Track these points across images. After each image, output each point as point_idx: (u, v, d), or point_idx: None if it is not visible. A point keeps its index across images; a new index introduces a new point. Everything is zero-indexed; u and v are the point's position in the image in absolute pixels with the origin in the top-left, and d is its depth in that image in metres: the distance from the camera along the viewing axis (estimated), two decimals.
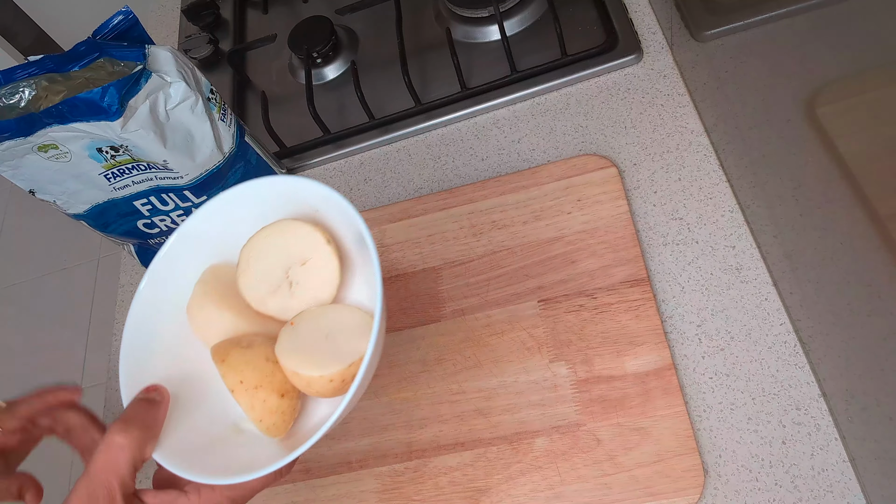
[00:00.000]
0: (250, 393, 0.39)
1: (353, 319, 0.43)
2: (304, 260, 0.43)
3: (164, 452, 0.39)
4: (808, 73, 0.43)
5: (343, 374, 0.39)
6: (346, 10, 0.81)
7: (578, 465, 0.50)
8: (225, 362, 0.40)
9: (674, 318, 0.54)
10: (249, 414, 0.40)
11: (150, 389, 0.41)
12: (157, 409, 0.40)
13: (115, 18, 0.67)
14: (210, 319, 0.43)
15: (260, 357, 0.40)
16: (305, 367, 0.39)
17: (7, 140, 0.64)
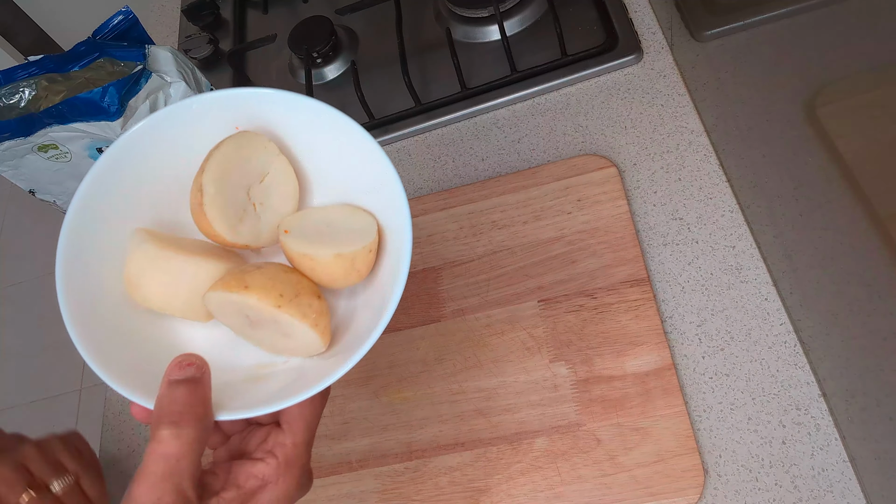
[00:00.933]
0: (296, 302, 0.36)
1: (337, 210, 0.41)
2: (263, 176, 0.40)
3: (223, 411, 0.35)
4: (808, 73, 0.43)
5: (374, 241, 0.38)
6: (346, 10, 0.81)
7: (578, 465, 0.50)
8: (251, 287, 0.35)
9: (674, 318, 0.54)
10: (304, 321, 0.36)
11: (184, 364, 0.34)
12: (202, 387, 0.34)
13: (115, 18, 0.67)
14: (181, 275, 0.37)
15: (279, 271, 0.37)
16: (344, 246, 0.37)
17: (7, 140, 0.65)
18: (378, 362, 0.58)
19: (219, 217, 0.38)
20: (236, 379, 0.39)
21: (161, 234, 0.40)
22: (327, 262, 0.38)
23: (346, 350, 0.36)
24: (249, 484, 0.34)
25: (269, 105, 0.40)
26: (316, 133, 0.40)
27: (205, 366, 0.34)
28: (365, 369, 0.58)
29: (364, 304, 0.40)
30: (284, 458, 0.35)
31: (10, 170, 0.69)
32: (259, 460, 0.35)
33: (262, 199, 0.40)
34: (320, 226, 0.40)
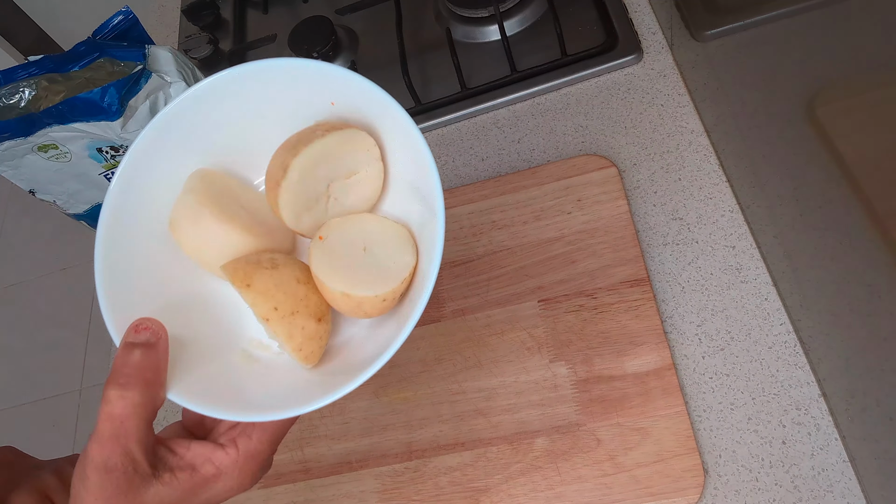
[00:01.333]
0: (287, 320, 0.35)
1: (385, 231, 0.39)
2: (351, 174, 0.39)
3: (180, 391, 0.34)
4: (808, 73, 0.43)
5: (395, 291, 0.36)
6: (346, 10, 0.81)
7: (578, 465, 0.50)
8: (252, 287, 0.35)
9: (674, 318, 0.54)
10: (288, 343, 0.36)
11: (140, 328, 0.34)
12: (155, 352, 0.34)
13: (115, 18, 0.68)
14: (209, 236, 0.37)
15: (290, 279, 0.36)
16: (357, 289, 0.36)
17: (7, 140, 0.65)
18: None
19: (289, 204, 0.38)
20: (230, 346, 0.39)
21: (216, 181, 0.39)
22: (334, 296, 0.36)
23: (333, 375, 0.36)
24: (205, 469, 0.34)
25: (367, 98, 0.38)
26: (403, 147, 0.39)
27: (161, 331, 0.34)
28: None
29: (366, 339, 0.39)
30: (245, 452, 0.34)
31: (10, 170, 0.69)
32: (220, 447, 0.34)
33: (339, 194, 0.39)
34: (358, 244, 0.38)
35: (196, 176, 0.39)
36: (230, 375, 0.37)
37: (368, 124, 0.39)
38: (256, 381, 0.37)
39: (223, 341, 0.39)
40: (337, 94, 0.39)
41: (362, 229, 0.39)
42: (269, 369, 0.38)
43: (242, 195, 0.40)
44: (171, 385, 0.34)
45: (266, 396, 0.36)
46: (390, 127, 0.39)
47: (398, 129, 0.38)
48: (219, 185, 0.39)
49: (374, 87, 0.37)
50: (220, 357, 0.38)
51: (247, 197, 0.40)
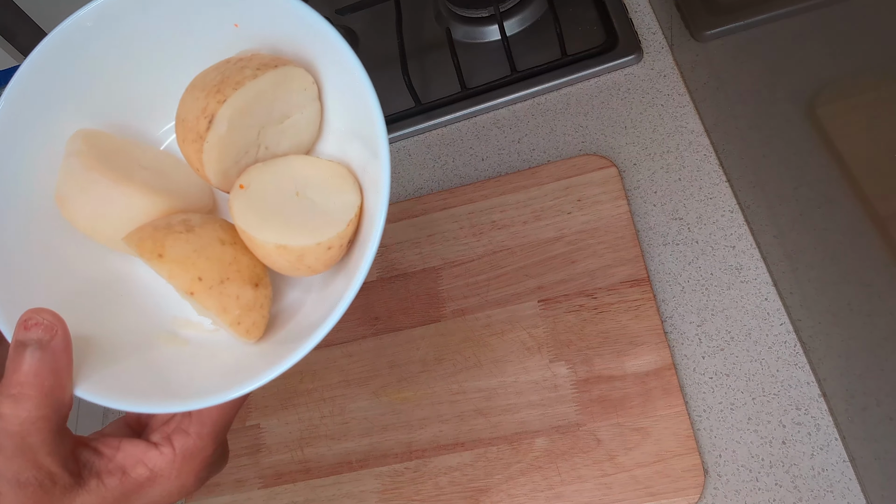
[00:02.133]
0: (217, 290, 0.29)
1: (320, 171, 0.32)
2: (284, 118, 0.33)
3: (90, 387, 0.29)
4: (808, 73, 0.43)
5: (341, 237, 0.30)
6: (346, 10, 0.81)
7: (578, 465, 0.50)
8: (165, 257, 0.29)
9: (674, 318, 0.54)
10: (223, 318, 0.30)
11: (30, 323, 0.28)
12: (50, 352, 0.28)
13: None
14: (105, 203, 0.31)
15: (212, 240, 0.30)
16: (295, 238, 0.29)
17: None
18: (378, 362, 0.58)
19: (216, 160, 0.31)
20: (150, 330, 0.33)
21: (104, 141, 0.32)
22: (268, 250, 0.30)
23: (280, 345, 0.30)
24: (137, 472, 0.30)
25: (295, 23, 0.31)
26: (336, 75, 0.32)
27: (56, 326, 0.28)
28: (365, 369, 0.58)
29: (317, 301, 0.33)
30: (182, 451, 0.30)
31: None
32: (153, 446, 0.30)
33: (271, 142, 0.33)
34: (289, 190, 0.31)
35: (78, 137, 0.32)
36: (154, 364, 0.32)
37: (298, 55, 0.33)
38: (187, 364, 0.32)
39: (141, 327, 0.33)
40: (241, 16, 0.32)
41: (291, 172, 0.32)
42: (203, 349, 0.33)
43: (139, 154, 0.33)
44: (78, 381, 0.29)
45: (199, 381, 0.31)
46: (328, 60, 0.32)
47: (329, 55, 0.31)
48: (107, 144, 0.32)
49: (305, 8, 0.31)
50: (140, 345, 0.32)
51: (145, 156, 0.34)
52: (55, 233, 0.32)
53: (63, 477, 0.28)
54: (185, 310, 0.34)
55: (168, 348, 0.33)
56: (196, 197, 0.34)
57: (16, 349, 0.28)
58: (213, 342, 0.33)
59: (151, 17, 0.32)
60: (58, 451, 0.28)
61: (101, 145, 0.32)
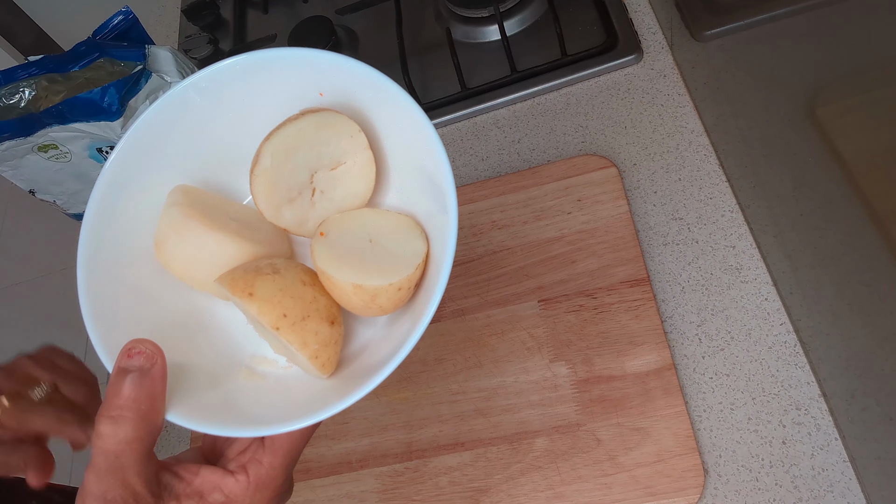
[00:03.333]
0: (299, 326, 0.32)
1: (390, 222, 0.36)
2: (337, 164, 0.36)
3: (180, 412, 0.32)
4: (808, 73, 0.43)
5: (410, 279, 0.33)
6: (346, 10, 0.81)
7: (578, 465, 0.50)
8: (255, 296, 0.32)
9: (674, 318, 0.54)
10: (303, 351, 0.33)
11: (133, 352, 0.31)
12: (150, 379, 0.30)
13: (115, 18, 0.68)
14: (200, 248, 0.34)
15: (295, 281, 0.33)
16: (370, 278, 0.33)
17: (7, 140, 0.65)
18: None
19: (264, 192, 0.35)
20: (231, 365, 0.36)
21: (199, 196, 0.36)
22: (345, 290, 0.33)
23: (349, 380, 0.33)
24: (213, 497, 0.32)
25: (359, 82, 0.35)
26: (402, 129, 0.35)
27: (156, 356, 0.31)
28: None
29: (383, 339, 0.36)
30: (256, 479, 0.32)
31: (10, 170, 0.69)
32: (230, 473, 0.32)
33: (326, 187, 0.36)
34: (363, 237, 0.35)
35: (177, 191, 0.36)
36: (235, 395, 0.35)
37: (360, 109, 0.36)
38: (263, 396, 0.35)
39: (223, 362, 0.36)
40: (326, 82, 0.36)
41: (364, 222, 0.36)
42: (278, 384, 0.36)
43: (228, 207, 0.38)
44: (170, 407, 0.32)
45: (274, 411, 0.34)
46: (389, 111, 0.35)
47: (397, 112, 0.34)
48: (201, 198, 0.36)
49: (365, 67, 0.34)
50: (222, 378, 0.35)
51: (234, 208, 0.38)
52: (149, 276, 0.36)
53: (146, 497, 0.30)
54: (261, 348, 0.37)
55: (246, 382, 0.36)
56: (277, 245, 0.37)
57: (117, 375, 0.30)
58: (287, 378, 0.36)
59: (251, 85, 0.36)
60: (145, 473, 0.30)
61: (197, 198, 0.36)
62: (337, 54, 0.34)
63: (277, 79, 0.36)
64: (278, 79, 0.36)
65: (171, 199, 0.36)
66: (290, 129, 0.34)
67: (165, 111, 0.36)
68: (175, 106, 0.36)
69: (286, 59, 0.35)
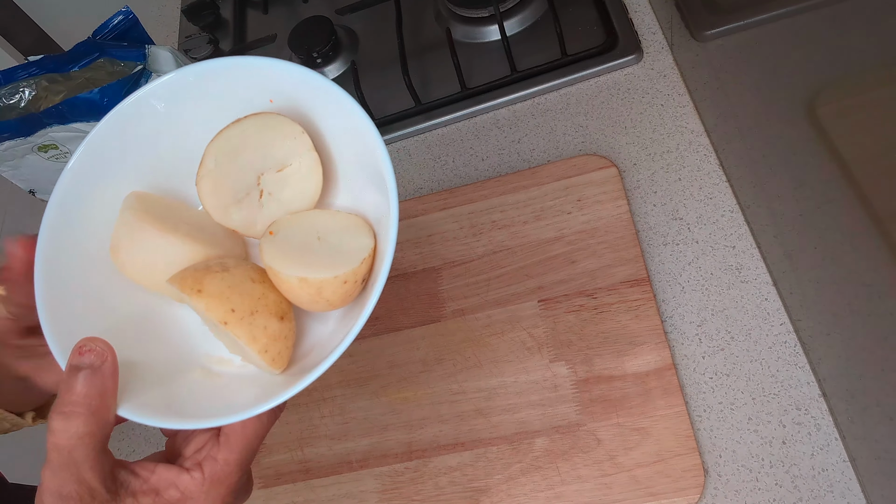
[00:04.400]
0: (247, 321, 0.33)
1: (339, 221, 0.37)
2: (283, 166, 0.37)
3: (130, 407, 0.32)
4: (809, 73, 0.43)
5: (356, 273, 0.35)
6: (346, 10, 0.81)
7: (578, 465, 0.50)
8: (203, 292, 0.33)
9: (674, 318, 0.54)
10: (252, 346, 0.34)
11: (84, 349, 0.32)
12: (100, 376, 0.31)
13: (115, 18, 0.68)
14: (152, 250, 0.35)
15: (244, 278, 0.34)
16: (314, 271, 0.34)
17: (7, 140, 0.65)
18: (378, 362, 0.58)
19: (210, 193, 0.36)
20: (186, 365, 0.37)
21: (153, 202, 0.37)
22: (291, 284, 0.34)
23: (300, 372, 0.34)
24: (169, 493, 0.32)
25: (306, 88, 0.36)
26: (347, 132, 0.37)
27: (106, 353, 0.32)
28: (365, 369, 0.58)
29: (333, 333, 0.37)
30: (211, 475, 0.33)
31: (10, 170, 0.69)
32: (185, 470, 0.33)
33: (274, 188, 0.37)
34: (311, 234, 0.36)
35: (132, 196, 0.37)
36: (187, 391, 0.36)
37: (307, 113, 0.37)
38: (216, 393, 0.36)
39: (178, 360, 0.37)
40: (275, 89, 0.37)
41: (314, 222, 0.37)
42: (233, 382, 0.36)
43: (182, 212, 0.39)
44: (121, 402, 0.32)
45: (225, 405, 0.34)
46: (333, 114, 0.37)
47: (341, 114, 0.36)
48: (156, 203, 0.38)
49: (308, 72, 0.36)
50: (176, 376, 0.36)
51: (188, 213, 0.39)
52: (106, 278, 0.37)
53: (101, 493, 0.30)
54: (217, 348, 0.38)
55: (202, 380, 0.36)
56: (229, 247, 0.38)
57: (69, 372, 0.31)
58: (242, 376, 0.37)
59: (206, 93, 0.37)
60: (99, 468, 0.31)
61: (151, 203, 0.37)
62: (282, 61, 0.36)
63: (229, 87, 0.37)
64: (230, 86, 0.37)
65: (126, 204, 0.37)
66: (233, 130, 0.36)
67: (123, 118, 0.37)
68: (132, 113, 0.37)
69: (236, 68, 0.37)
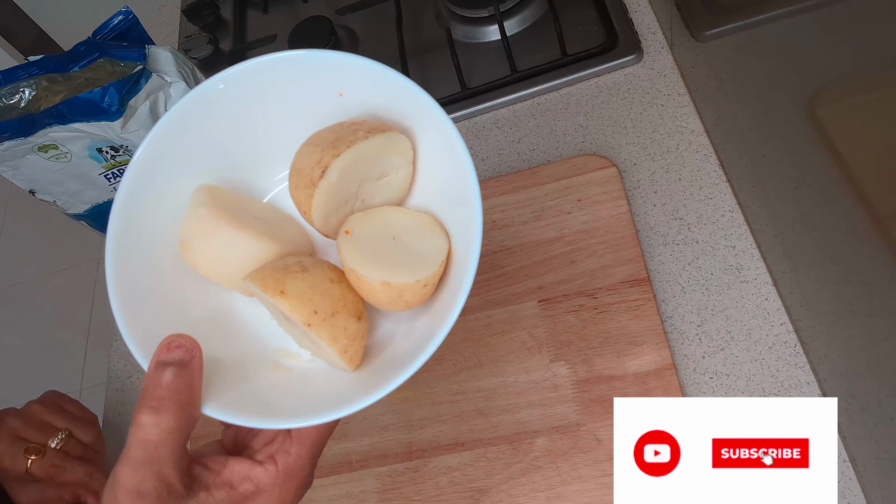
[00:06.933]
0: (329, 322, 0.34)
1: (411, 219, 0.37)
2: (382, 176, 0.37)
3: (215, 406, 0.32)
4: (808, 73, 0.43)
5: (435, 275, 0.35)
6: (346, 10, 0.81)
7: (578, 465, 0.50)
8: (286, 293, 0.33)
9: (674, 318, 0.54)
10: (333, 346, 0.34)
11: (173, 346, 0.32)
12: (189, 371, 0.31)
13: (115, 18, 0.67)
14: (228, 247, 0.35)
15: (323, 279, 0.35)
16: (397, 276, 0.34)
17: (7, 140, 0.65)
18: None
19: (322, 205, 0.36)
20: (258, 359, 0.37)
21: (224, 196, 0.37)
22: (373, 287, 0.35)
23: (375, 373, 0.34)
24: (243, 487, 0.32)
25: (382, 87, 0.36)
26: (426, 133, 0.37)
27: (195, 349, 0.32)
28: None
29: (406, 333, 0.37)
30: (285, 468, 0.33)
31: (10, 170, 0.69)
32: (258, 464, 0.33)
33: (367, 195, 0.38)
34: (387, 235, 0.36)
35: (202, 191, 0.37)
36: (264, 388, 0.36)
37: (401, 123, 0.38)
38: (292, 390, 0.36)
39: (251, 356, 0.37)
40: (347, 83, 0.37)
41: (387, 220, 0.37)
42: (304, 377, 0.37)
43: (251, 206, 0.39)
44: (205, 401, 0.32)
45: (303, 404, 0.34)
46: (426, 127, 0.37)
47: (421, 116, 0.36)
48: (225, 198, 0.37)
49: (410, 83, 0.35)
50: (252, 371, 0.36)
51: (256, 207, 0.39)
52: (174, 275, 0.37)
53: (179, 489, 0.31)
54: (286, 342, 0.38)
55: (273, 375, 0.37)
56: (300, 243, 0.39)
57: (156, 368, 0.31)
58: (312, 371, 0.37)
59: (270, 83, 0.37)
60: (180, 465, 0.31)
61: (222, 198, 0.37)
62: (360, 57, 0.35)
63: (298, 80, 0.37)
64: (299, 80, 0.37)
65: (198, 200, 0.36)
66: (361, 147, 0.35)
67: (191, 108, 0.37)
68: (200, 103, 0.37)
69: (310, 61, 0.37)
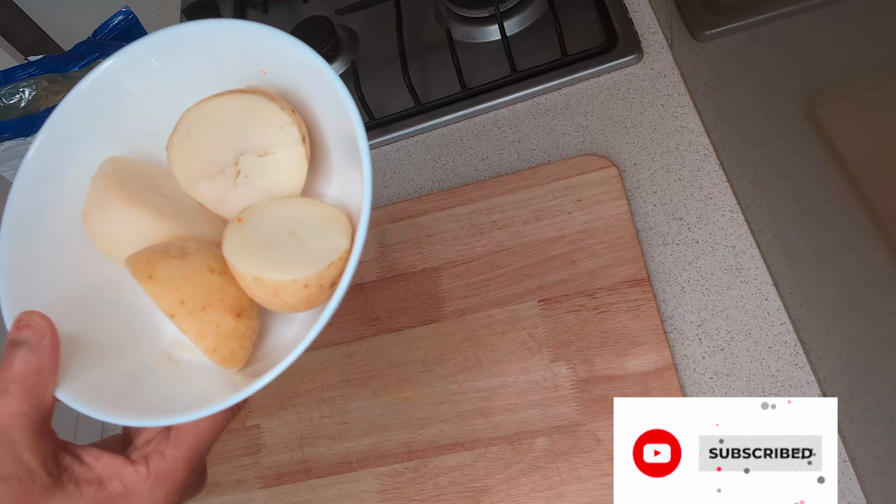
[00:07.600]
0: (197, 316, 0.30)
1: (317, 214, 0.34)
2: (265, 152, 0.34)
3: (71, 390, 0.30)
4: (809, 73, 0.43)
5: (320, 277, 0.31)
6: (346, 10, 0.81)
7: (578, 465, 0.50)
8: (154, 279, 0.30)
9: (674, 318, 0.54)
10: (199, 343, 0.31)
11: (22, 324, 0.30)
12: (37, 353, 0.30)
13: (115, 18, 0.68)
14: (117, 222, 0.33)
15: (201, 268, 0.31)
16: (271, 271, 0.31)
17: (7, 140, 0.65)
18: (378, 362, 0.58)
19: (179, 161, 0.33)
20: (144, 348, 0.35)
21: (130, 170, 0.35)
22: (246, 282, 0.31)
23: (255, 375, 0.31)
24: (112, 485, 0.31)
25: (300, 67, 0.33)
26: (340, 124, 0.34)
27: (45, 329, 0.30)
28: (365, 369, 0.58)
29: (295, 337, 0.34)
30: (156, 471, 0.31)
31: (10, 170, 0.69)
32: (130, 463, 0.31)
33: (251, 172, 0.34)
34: (283, 228, 0.33)
35: (107, 162, 0.34)
36: (137, 379, 0.33)
37: (300, 96, 0.34)
38: (167, 384, 0.33)
39: (135, 340, 0.35)
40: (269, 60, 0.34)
41: (291, 213, 0.34)
42: (188, 373, 0.34)
43: (163, 183, 0.35)
44: (62, 384, 0.30)
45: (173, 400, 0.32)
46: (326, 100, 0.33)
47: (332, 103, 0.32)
48: (134, 171, 0.34)
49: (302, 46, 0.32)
50: (128, 357, 0.34)
51: (167, 185, 0.36)
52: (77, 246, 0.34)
53: (42, 476, 0.29)
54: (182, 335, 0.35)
55: (156, 367, 0.34)
56: (202, 227, 0.35)
57: (9, 347, 0.30)
58: (201, 367, 0.34)
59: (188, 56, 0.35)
60: (38, 450, 0.29)
61: (127, 171, 0.34)
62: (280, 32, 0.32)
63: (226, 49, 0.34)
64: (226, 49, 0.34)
65: (99, 171, 0.34)
66: (212, 104, 0.33)
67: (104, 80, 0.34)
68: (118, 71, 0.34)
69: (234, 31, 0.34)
